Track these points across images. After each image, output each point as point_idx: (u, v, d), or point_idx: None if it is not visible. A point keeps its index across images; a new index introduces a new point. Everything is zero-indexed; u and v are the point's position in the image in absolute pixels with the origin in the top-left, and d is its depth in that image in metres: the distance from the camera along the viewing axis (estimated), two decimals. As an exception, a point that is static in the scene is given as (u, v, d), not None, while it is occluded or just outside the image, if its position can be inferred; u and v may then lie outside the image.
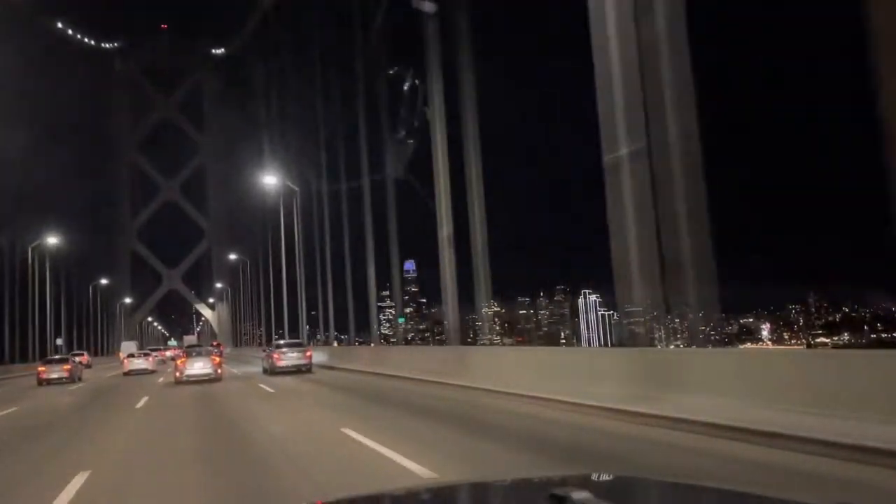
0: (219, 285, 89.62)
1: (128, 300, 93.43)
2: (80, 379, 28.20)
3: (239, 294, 79.70)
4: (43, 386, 25.97)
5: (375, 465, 6.80)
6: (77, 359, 31.12)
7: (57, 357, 31.91)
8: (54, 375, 26.90)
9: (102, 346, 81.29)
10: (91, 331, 76.57)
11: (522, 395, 11.69)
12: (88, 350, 61.65)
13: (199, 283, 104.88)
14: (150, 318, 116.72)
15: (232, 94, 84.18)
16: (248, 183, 55.65)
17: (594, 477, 2.33)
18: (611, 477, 2.46)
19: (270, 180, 40.57)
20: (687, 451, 7.00)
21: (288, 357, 23.87)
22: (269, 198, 44.24)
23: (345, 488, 5.87)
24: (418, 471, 6.32)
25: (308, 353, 24.69)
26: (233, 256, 72.34)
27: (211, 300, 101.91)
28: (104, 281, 76.15)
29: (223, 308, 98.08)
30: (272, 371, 23.79)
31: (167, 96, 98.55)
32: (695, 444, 7.24)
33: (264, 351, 28.19)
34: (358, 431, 8.71)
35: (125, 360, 30.96)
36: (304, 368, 23.95)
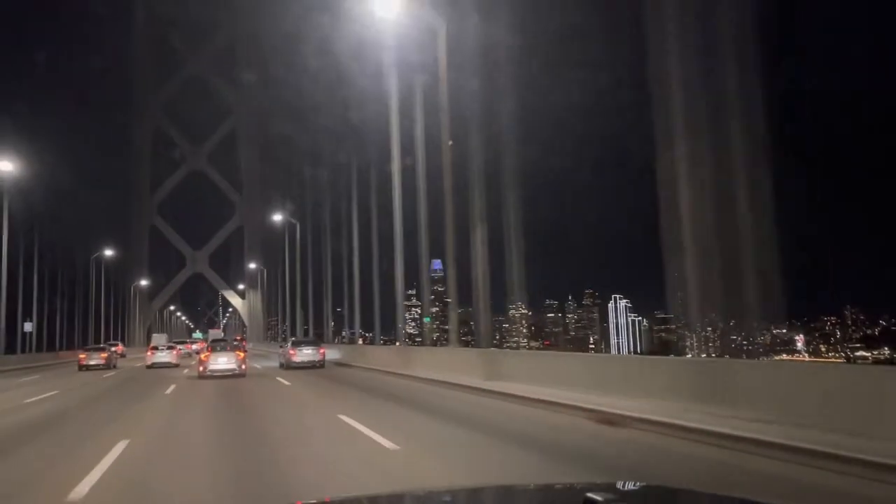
0: (252, 266, 77.72)
1: (143, 282, 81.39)
2: (115, 366, 31.89)
3: (275, 279, 67.25)
4: (83, 371, 29.45)
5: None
6: (113, 348, 35.69)
7: (95, 346, 37.10)
8: (93, 362, 30.66)
9: (113, 336, 65.09)
10: (92, 317, 61.09)
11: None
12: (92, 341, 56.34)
13: (227, 267, 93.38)
14: (172, 307, 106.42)
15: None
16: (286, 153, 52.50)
17: (623, 485, 2.37)
18: (641, 485, 2.49)
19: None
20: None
21: (303, 354, 25.88)
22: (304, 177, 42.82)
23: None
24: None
25: (321, 351, 26.63)
26: (275, 225, 58.61)
27: (241, 286, 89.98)
28: (109, 252, 61.11)
29: (255, 297, 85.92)
30: (288, 366, 25.65)
31: (196, 51, 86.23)
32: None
33: (281, 347, 30.86)
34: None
35: (148, 353, 31.18)
36: (317, 364, 25.66)
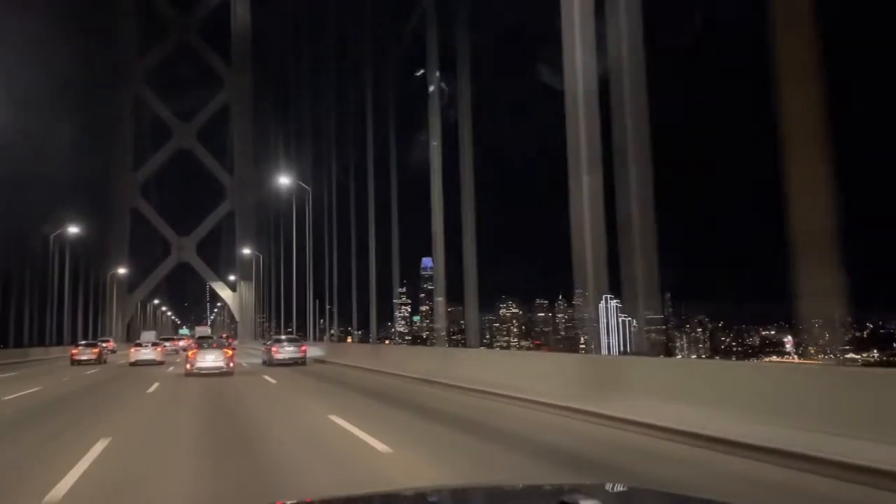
0: (245, 251, 69.13)
1: (122, 270, 73.67)
2: (105, 361, 33.91)
3: (269, 269, 62.81)
4: (75, 365, 31.08)
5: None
6: (104, 344, 38.57)
7: (86, 342, 37.93)
8: (84, 357, 32.75)
9: (85, 332, 59.31)
10: (54, 308, 53.40)
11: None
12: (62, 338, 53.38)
13: (217, 257, 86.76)
14: (156, 301, 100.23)
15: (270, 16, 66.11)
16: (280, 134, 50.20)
17: (607, 487, 2.39)
18: (623, 487, 2.51)
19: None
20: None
21: (285, 351, 27.20)
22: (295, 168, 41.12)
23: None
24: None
25: (303, 348, 28.07)
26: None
27: (232, 278, 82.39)
28: (74, 230, 52.61)
29: (247, 290, 77.59)
30: (270, 363, 27.05)
31: (184, 15, 79.50)
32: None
33: (264, 344, 31.94)
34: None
35: (131, 350, 31.01)
36: (299, 361, 26.98)
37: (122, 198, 76.79)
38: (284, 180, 43.75)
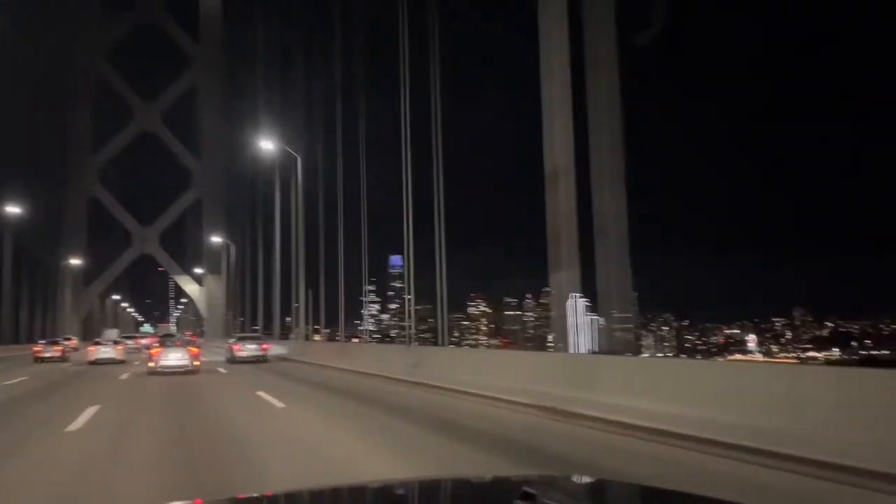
0: (215, 239, 62.96)
1: (75, 261, 67.62)
2: (68, 360, 33.89)
3: (241, 261, 58.80)
4: (38, 363, 31.64)
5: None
6: (66, 342, 38.55)
7: (48, 340, 38.26)
8: (48, 354, 33.39)
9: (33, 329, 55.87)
10: None
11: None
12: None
13: (182, 249, 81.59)
14: (117, 297, 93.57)
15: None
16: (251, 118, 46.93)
17: (574, 478, 2.44)
18: (590, 479, 2.57)
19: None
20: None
21: (246, 349, 28.01)
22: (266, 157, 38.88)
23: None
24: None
25: (264, 346, 28.82)
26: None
27: (199, 271, 77.13)
28: (14, 209, 47.27)
29: (215, 284, 72.52)
30: (232, 360, 27.52)
31: None
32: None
33: (227, 343, 31.88)
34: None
35: (90, 348, 30.30)
36: (260, 359, 27.62)
37: (79, 182, 70.96)
38: (268, 145, 37.29)
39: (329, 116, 35.86)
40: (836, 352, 31.69)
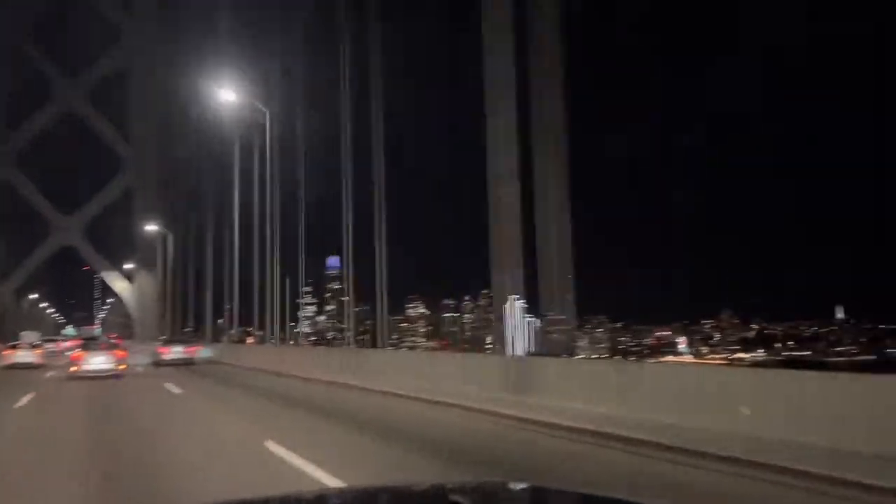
0: (152, 227, 56.46)
1: None
2: None
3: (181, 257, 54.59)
4: None
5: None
6: None
7: None
8: None
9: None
10: None
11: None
12: None
13: (109, 243, 72.16)
14: (35, 296, 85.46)
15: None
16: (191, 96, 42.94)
17: (510, 486, 2.45)
18: (523, 485, 2.56)
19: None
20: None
21: (174, 351, 28.30)
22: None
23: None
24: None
25: (191, 349, 29.27)
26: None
27: (130, 265, 69.54)
28: None
29: (147, 281, 66.39)
30: (158, 363, 27.44)
31: None
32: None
33: (154, 346, 31.78)
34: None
35: (5, 352, 28.54)
36: (187, 362, 27.78)
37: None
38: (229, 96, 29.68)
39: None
40: (761, 353, 33.14)
